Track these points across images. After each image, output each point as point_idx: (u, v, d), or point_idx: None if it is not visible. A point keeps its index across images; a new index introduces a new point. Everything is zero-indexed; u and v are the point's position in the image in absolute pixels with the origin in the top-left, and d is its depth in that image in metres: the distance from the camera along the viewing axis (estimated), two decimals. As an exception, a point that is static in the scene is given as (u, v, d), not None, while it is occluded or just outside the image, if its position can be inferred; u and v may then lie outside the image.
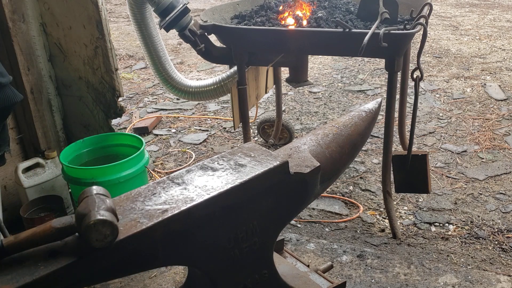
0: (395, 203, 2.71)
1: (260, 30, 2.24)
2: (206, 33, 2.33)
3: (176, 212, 0.95)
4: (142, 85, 4.67)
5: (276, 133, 3.30)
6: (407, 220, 2.60)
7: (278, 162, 1.10)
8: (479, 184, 2.87)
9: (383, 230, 2.52)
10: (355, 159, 3.12)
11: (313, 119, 3.77)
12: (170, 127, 3.80)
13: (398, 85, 2.38)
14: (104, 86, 2.52)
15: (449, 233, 2.49)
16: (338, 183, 2.93)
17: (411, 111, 2.31)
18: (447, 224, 2.55)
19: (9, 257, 0.86)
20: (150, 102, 4.28)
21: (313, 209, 2.71)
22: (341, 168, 1.39)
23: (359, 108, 1.51)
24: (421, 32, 2.05)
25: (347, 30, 2.04)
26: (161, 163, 3.27)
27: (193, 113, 4.03)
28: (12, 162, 2.46)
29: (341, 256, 2.25)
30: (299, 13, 2.39)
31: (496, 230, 2.48)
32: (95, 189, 0.93)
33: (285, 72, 3.48)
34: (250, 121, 2.56)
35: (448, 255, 2.32)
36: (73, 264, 0.85)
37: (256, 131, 3.48)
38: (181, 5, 2.25)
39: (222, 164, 1.11)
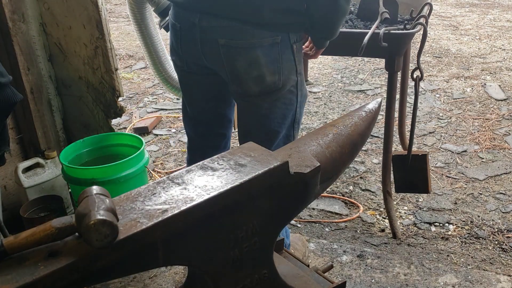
0: (395, 203, 2.71)
1: (260, 30, 2.24)
2: (206, 33, 2.33)
3: (176, 212, 0.95)
4: (142, 85, 4.67)
5: (276, 133, 3.29)
6: (407, 220, 2.60)
7: (278, 162, 1.09)
8: (479, 184, 2.87)
9: (383, 230, 2.52)
10: (355, 159, 3.12)
11: (313, 119, 3.77)
12: (170, 127, 3.79)
13: (398, 85, 2.38)
14: (104, 86, 2.52)
15: (449, 233, 2.49)
16: (338, 183, 2.93)
17: (411, 111, 2.31)
18: (447, 224, 2.55)
19: (9, 257, 0.86)
20: (150, 102, 4.28)
21: (313, 209, 2.71)
22: (341, 168, 1.39)
23: (359, 108, 1.51)
24: (421, 32, 2.05)
25: (347, 30, 2.04)
26: (161, 163, 3.27)
27: (193, 113, 4.02)
28: (12, 162, 2.46)
29: (341, 256, 2.25)
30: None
31: (496, 230, 2.49)
32: (95, 189, 0.93)
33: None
34: (250, 121, 2.55)
35: (448, 255, 2.32)
36: (73, 264, 0.85)
37: (256, 131, 3.47)
38: (181, 5, 2.25)
39: (222, 164, 1.11)
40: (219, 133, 1.99)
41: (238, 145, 1.52)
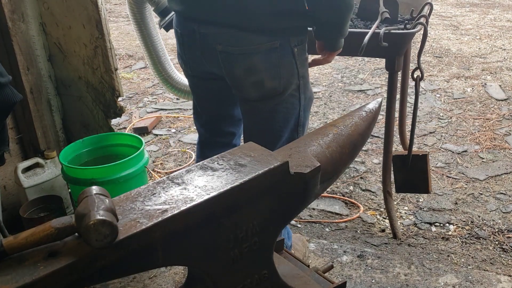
0: (395, 203, 2.71)
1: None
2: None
3: (176, 212, 0.95)
4: (142, 85, 4.67)
5: (276, 133, 3.28)
6: (407, 220, 2.60)
7: (278, 162, 1.09)
8: (479, 184, 2.87)
9: (383, 230, 2.52)
10: (356, 159, 3.12)
11: (313, 119, 3.77)
12: (169, 127, 3.79)
13: (399, 85, 2.37)
14: (104, 86, 2.51)
15: (450, 233, 2.49)
16: (338, 183, 2.92)
17: (412, 111, 2.31)
18: (447, 224, 2.55)
19: (9, 257, 0.86)
20: (149, 102, 4.28)
21: (313, 209, 2.71)
22: (341, 168, 1.39)
23: (359, 108, 1.50)
24: (422, 31, 2.04)
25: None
26: (161, 163, 3.27)
27: (193, 113, 4.02)
28: (12, 162, 2.46)
29: (341, 256, 2.25)
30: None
31: (497, 230, 2.48)
32: (95, 189, 0.93)
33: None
34: (250, 121, 2.55)
35: (448, 255, 2.31)
36: (73, 264, 0.85)
37: (256, 131, 3.47)
38: (181, 5, 2.25)
39: (222, 164, 1.11)
40: (228, 131, 2.01)
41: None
